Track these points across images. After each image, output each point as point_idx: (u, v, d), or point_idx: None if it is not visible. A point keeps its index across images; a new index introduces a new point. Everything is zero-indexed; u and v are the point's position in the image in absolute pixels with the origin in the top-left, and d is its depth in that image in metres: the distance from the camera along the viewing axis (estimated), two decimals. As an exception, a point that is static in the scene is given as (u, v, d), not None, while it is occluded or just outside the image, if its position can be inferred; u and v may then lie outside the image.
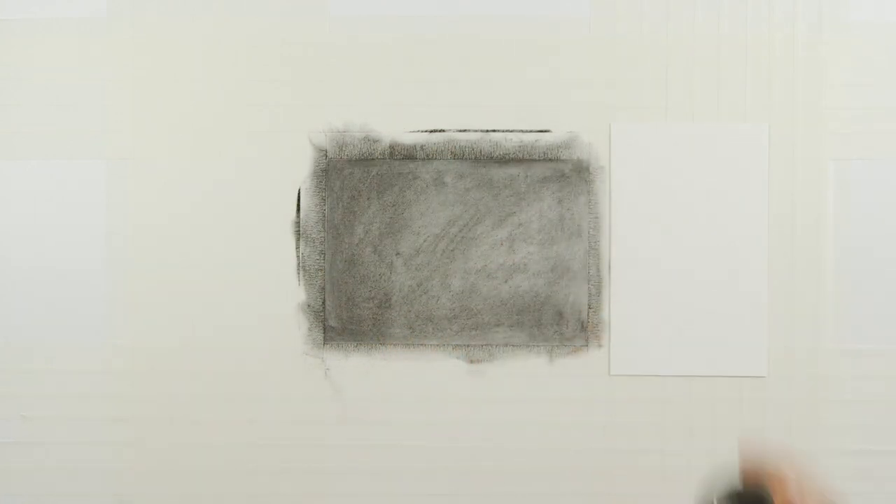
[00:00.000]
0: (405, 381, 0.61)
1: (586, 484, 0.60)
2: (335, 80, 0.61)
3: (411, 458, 0.60)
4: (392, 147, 0.60)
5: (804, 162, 0.60)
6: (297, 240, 0.61)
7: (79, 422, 0.60)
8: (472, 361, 0.60)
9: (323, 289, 0.61)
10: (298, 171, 0.61)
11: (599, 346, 0.60)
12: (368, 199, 0.61)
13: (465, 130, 0.61)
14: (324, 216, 0.61)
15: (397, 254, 0.61)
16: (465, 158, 0.60)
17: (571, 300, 0.60)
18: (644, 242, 0.60)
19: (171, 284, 0.60)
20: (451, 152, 0.60)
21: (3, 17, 0.61)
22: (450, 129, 0.61)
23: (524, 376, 0.60)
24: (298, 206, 0.61)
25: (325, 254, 0.61)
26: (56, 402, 0.60)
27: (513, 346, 0.60)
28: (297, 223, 0.61)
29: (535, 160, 0.61)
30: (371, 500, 0.60)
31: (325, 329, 0.60)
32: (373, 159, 0.61)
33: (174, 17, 0.61)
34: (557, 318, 0.60)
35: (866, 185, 0.60)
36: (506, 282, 0.60)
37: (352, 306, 0.61)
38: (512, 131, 0.61)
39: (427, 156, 0.61)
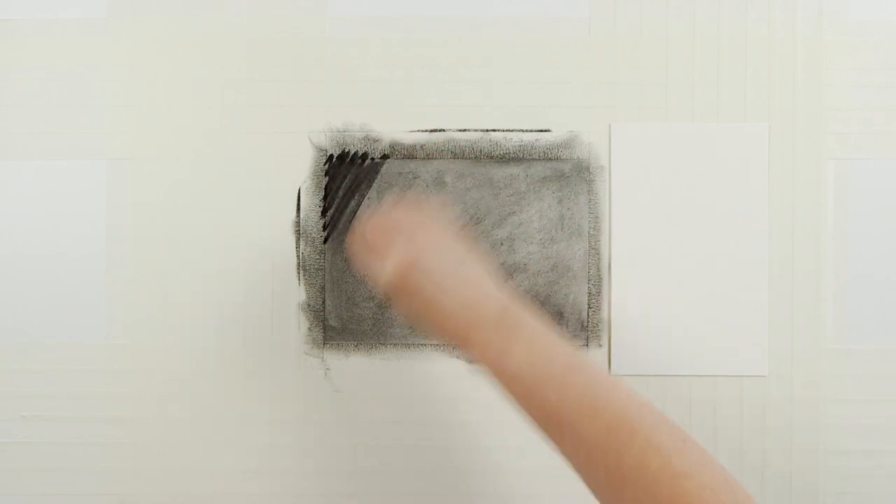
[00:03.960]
0: (405, 381, 0.60)
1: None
2: (335, 80, 0.61)
3: (411, 458, 0.60)
4: (392, 147, 0.60)
5: (804, 162, 0.60)
6: (297, 240, 0.61)
7: (79, 422, 0.60)
8: (472, 361, 0.60)
9: (323, 288, 0.61)
10: (298, 171, 0.61)
11: (599, 345, 0.60)
12: (369, 198, 0.61)
13: (465, 130, 0.61)
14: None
15: (397, 254, 0.60)
16: (465, 158, 0.61)
17: (571, 300, 0.60)
18: (644, 242, 0.60)
19: (170, 284, 0.60)
20: (451, 152, 0.61)
21: (3, 18, 0.61)
22: (450, 129, 0.61)
23: (524, 376, 0.60)
24: (298, 206, 0.61)
25: (325, 253, 0.61)
26: (56, 402, 0.60)
27: (513, 345, 0.60)
28: (297, 223, 0.61)
29: (535, 160, 0.61)
30: (371, 500, 0.60)
31: (325, 329, 0.60)
32: (373, 158, 0.61)
33: (174, 17, 0.61)
34: (558, 317, 0.60)
35: (866, 185, 0.60)
36: (506, 281, 0.60)
37: (352, 306, 0.61)
38: (512, 131, 0.61)
39: (427, 155, 0.61)
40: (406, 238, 0.49)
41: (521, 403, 0.45)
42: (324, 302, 0.61)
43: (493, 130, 0.61)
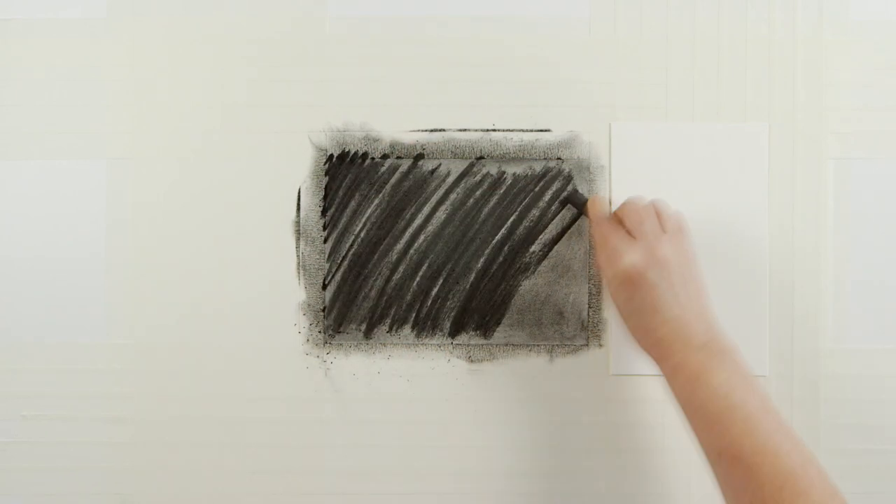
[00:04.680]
0: (405, 381, 0.61)
1: (586, 484, 0.60)
2: (335, 80, 0.61)
3: (411, 458, 0.60)
4: (392, 146, 0.60)
5: (804, 162, 0.60)
6: (297, 239, 0.61)
7: (79, 422, 0.60)
8: (472, 361, 0.60)
9: (323, 288, 0.60)
10: (298, 171, 0.61)
11: (600, 345, 0.60)
12: (369, 198, 0.61)
13: (465, 130, 0.61)
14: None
15: (397, 253, 0.61)
16: (465, 158, 0.61)
17: (572, 300, 0.60)
18: (644, 242, 0.60)
19: (171, 284, 0.60)
20: (451, 152, 0.61)
21: (3, 17, 0.61)
22: (450, 129, 0.61)
23: (524, 376, 0.60)
24: (298, 206, 0.61)
25: (325, 253, 0.61)
26: (56, 402, 0.60)
27: (513, 345, 0.60)
28: (297, 223, 0.61)
29: (535, 159, 0.61)
30: (371, 500, 0.60)
31: (325, 329, 0.60)
32: (373, 158, 0.61)
33: (174, 17, 0.61)
34: (558, 317, 0.60)
35: (866, 185, 0.60)
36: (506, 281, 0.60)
37: (352, 306, 0.61)
38: (512, 130, 0.61)
39: (427, 155, 0.61)
40: (660, 236, 0.51)
41: (699, 430, 0.46)
42: (324, 302, 0.61)
43: (493, 130, 0.61)
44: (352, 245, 0.60)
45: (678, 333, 0.48)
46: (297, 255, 0.61)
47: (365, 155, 0.61)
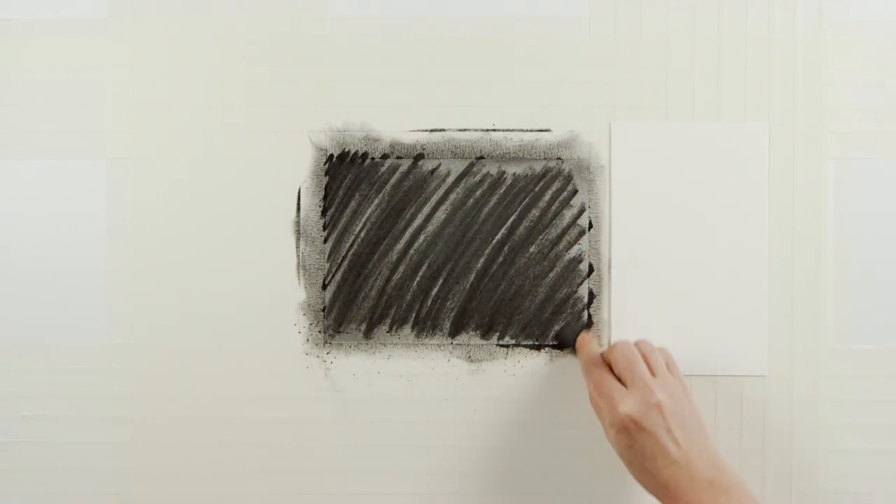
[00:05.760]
0: (405, 381, 0.61)
1: (586, 484, 0.60)
2: (335, 80, 0.61)
3: (411, 458, 0.60)
4: (392, 146, 0.60)
5: (804, 162, 0.60)
6: (297, 239, 0.61)
7: (79, 422, 0.60)
8: (472, 361, 0.60)
9: (323, 288, 0.61)
10: (298, 171, 0.61)
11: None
12: (369, 198, 0.61)
13: (465, 130, 0.61)
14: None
15: (397, 253, 0.61)
16: (465, 157, 0.61)
17: (572, 300, 0.60)
18: (644, 242, 0.60)
19: (171, 284, 0.60)
20: (451, 152, 0.61)
21: (3, 17, 0.61)
22: (450, 129, 0.61)
23: (524, 376, 0.60)
24: (298, 206, 0.61)
25: (325, 253, 0.61)
26: (56, 402, 0.60)
27: (512, 345, 0.60)
28: (297, 223, 0.61)
29: (535, 159, 0.61)
30: (370, 500, 0.60)
31: (325, 329, 0.60)
32: (373, 158, 0.61)
33: (174, 17, 0.61)
34: (558, 317, 0.60)
35: (866, 185, 0.60)
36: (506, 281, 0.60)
37: (352, 306, 0.61)
38: (512, 130, 0.61)
39: (427, 155, 0.61)
40: (651, 381, 0.51)
41: None
42: (324, 302, 0.61)
43: (493, 130, 0.61)
44: (352, 245, 0.60)
45: (683, 474, 0.48)
46: (297, 255, 0.61)
47: (365, 155, 0.61)
